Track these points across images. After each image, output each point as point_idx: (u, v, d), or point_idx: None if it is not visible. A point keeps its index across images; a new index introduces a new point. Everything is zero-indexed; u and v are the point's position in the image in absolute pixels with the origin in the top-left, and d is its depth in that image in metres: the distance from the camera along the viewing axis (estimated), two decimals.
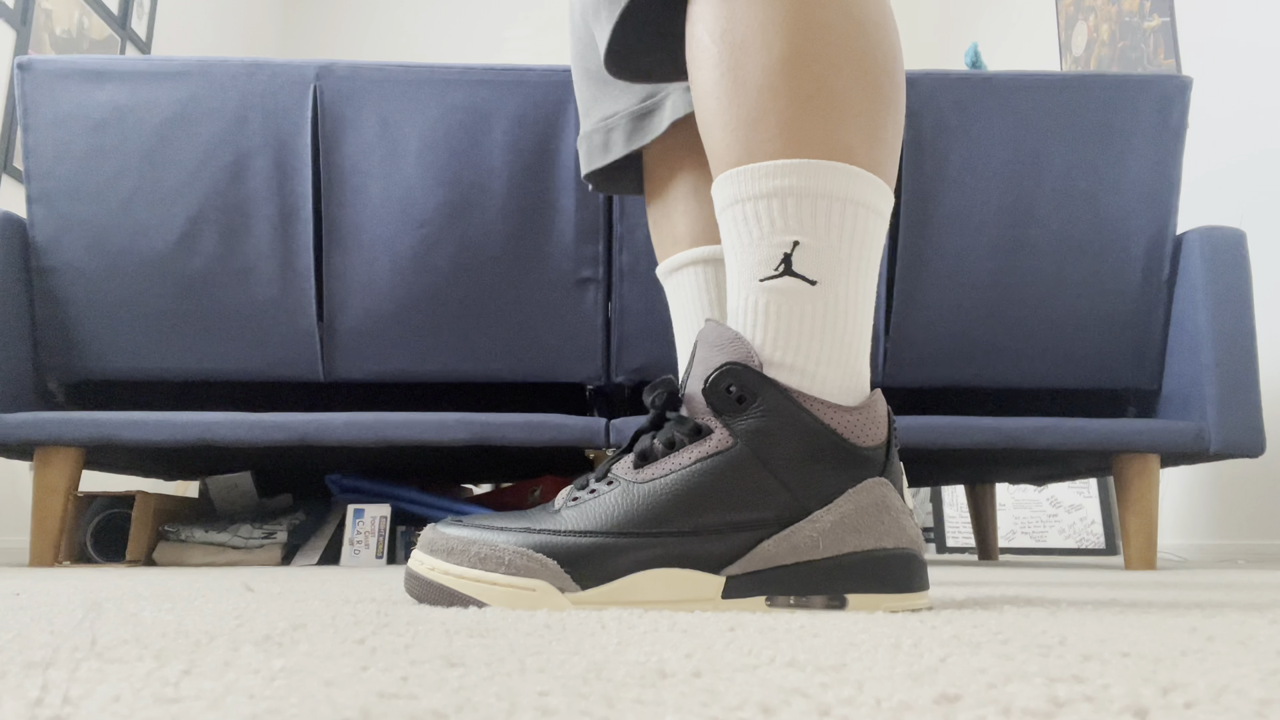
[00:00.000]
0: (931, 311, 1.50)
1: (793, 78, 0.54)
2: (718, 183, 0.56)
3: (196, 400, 1.68)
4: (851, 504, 0.51)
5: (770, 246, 0.53)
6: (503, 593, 0.49)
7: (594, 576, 0.49)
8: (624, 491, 0.51)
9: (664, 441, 0.52)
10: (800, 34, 0.54)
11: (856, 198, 0.53)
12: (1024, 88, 1.51)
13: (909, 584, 0.51)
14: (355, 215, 1.47)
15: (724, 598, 0.50)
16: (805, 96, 0.54)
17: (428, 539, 0.52)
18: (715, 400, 0.52)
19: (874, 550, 0.51)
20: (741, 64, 0.55)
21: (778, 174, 0.53)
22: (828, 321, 0.52)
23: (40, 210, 1.46)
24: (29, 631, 0.36)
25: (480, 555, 0.50)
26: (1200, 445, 1.45)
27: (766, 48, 0.54)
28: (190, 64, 1.48)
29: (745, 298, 0.53)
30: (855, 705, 0.21)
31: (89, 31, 2.69)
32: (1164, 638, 0.36)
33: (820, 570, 0.50)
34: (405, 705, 0.20)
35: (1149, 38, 2.72)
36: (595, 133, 0.84)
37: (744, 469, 0.50)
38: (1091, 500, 2.93)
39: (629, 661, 0.28)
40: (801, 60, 0.54)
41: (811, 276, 0.52)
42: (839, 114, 0.54)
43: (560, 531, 0.50)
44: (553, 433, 1.42)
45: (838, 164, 0.53)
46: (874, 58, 0.56)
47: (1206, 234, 1.50)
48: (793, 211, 0.52)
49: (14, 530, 2.25)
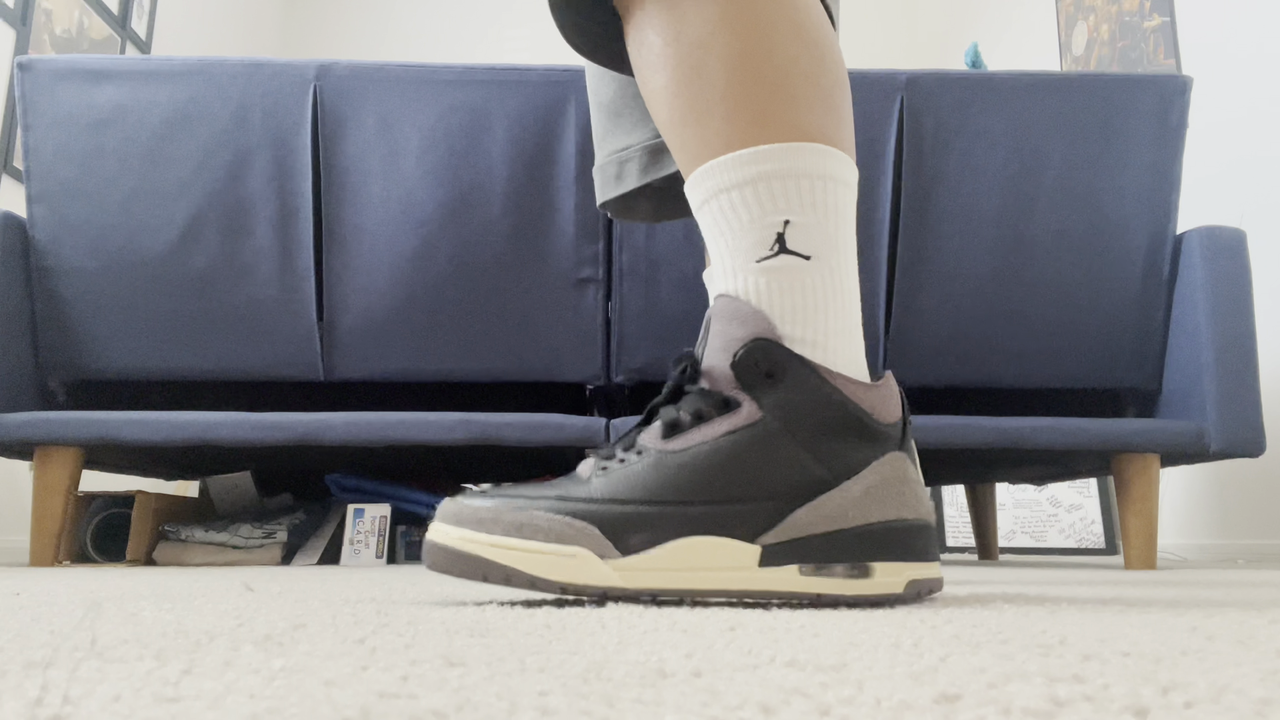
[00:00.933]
0: (931, 311, 1.50)
1: (758, 68, 0.56)
2: (695, 177, 0.57)
3: (196, 400, 1.68)
4: (876, 476, 0.52)
5: (762, 228, 0.54)
6: (544, 560, 0.49)
7: (634, 543, 0.50)
8: (657, 461, 0.52)
9: (691, 413, 0.53)
10: (756, 26, 0.56)
11: (832, 174, 0.55)
12: (1024, 88, 1.51)
13: (927, 553, 0.54)
14: (355, 215, 1.47)
15: (760, 566, 0.51)
16: (772, 84, 0.55)
17: (451, 510, 0.52)
18: (744, 374, 0.52)
19: (896, 520, 0.52)
20: (704, 62, 0.56)
21: (759, 159, 0.54)
22: (828, 293, 0.54)
23: (40, 210, 1.46)
24: (29, 631, 0.36)
25: (516, 524, 0.50)
26: (1200, 445, 1.45)
27: (728, 43, 0.56)
28: (190, 64, 1.48)
29: (745, 280, 0.54)
30: (855, 705, 0.21)
31: (89, 31, 2.69)
32: (1164, 638, 0.36)
33: (848, 539, 0.51)
34: (405, 705, 0.20)
35: (1149, 38, 2.72)
36: (609, 165, 0.86)
37: (775, 442, 0.52)
38: (1091, 500, 2.93)
39: (629, 661, 0.28)
40: (763, 51, 0.56)
41: (805, 252, 0.54)
42: (804, 97, 0.56)
43: (596, 500, 0.51)
44: (553, 433, 1.42)
45: (811, 144, 0.55)
46: (822, 39, 0.58)
47: (1206, 234, 1.50)
48: (779, 192, 0.54)
49: (14, 530, 2.25)
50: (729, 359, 0.53)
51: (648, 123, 0.84)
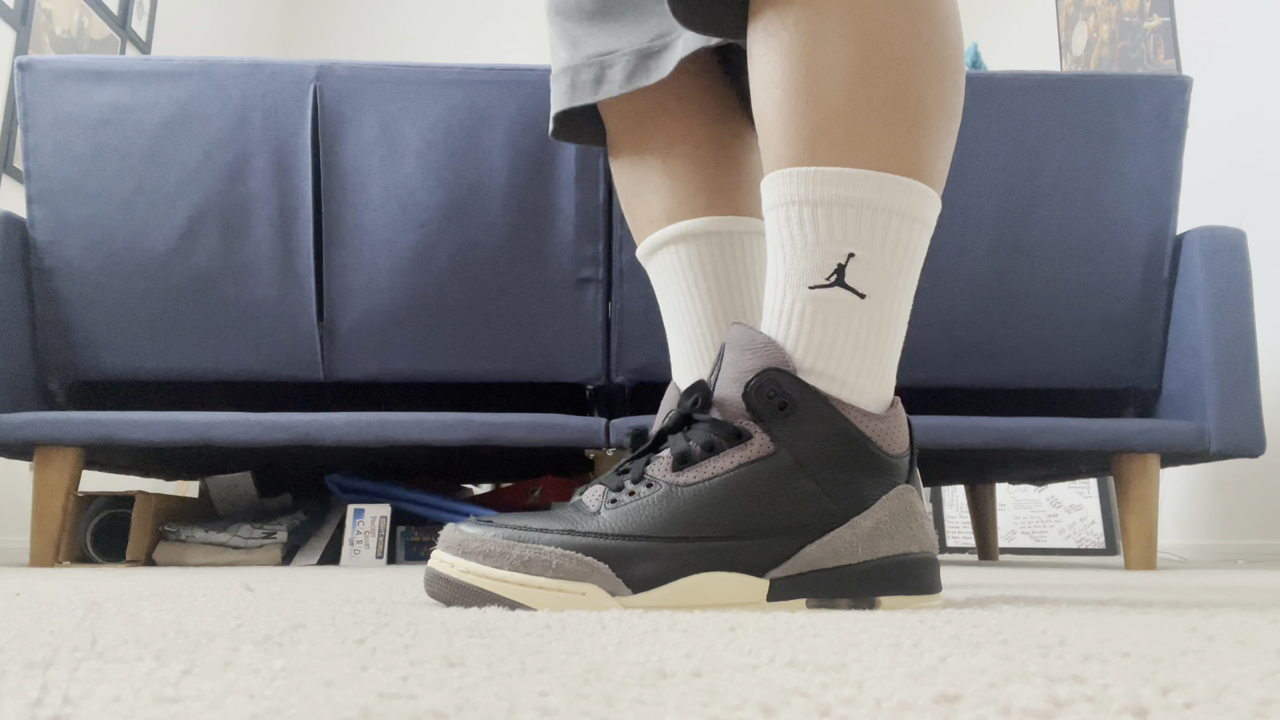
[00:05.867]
0: (931, 311, 1.50)
1: (871, 83, 0.52)
2: (772, 178, 0.55)
3: (196, 400, 1.68)
4: (886, 510, 0.52)
5: (824, 255, 0.52)
6: (552, 596, 0.49)
7: (644, 580, 0.49)
8: (667, 495, 0.51)
9: (701, 444, 0.52)
10: (883, 33, 0.52)
11: (915, 213, 0.53)
12: (1024, 88, 1.51)
13: (932, 586, 0.54)
14: (355, 215, 1.47)
15: (769, 600, 0.50)
16: (880, 104, 0.52)
17: (455, 540, 0.51)
18: (757, 405, 0.52)
19: (903, 555, 0.52)
20: (817, 59, 0.53)
21: (841, 182, 0.52)
22: (872, 335, 0.53)
23: (40, 210, 1.46)
24: (29, 631, 0.36)
25: (524, 559, 0.49)
26: (1200, 445, 1.45)
27: (845, 46, 0.52)
28: (190, 64, 1.48)
29: (791, 302, 0.53)
30: (855, 705, 0.21)
31: (89, 31, 2.69)
32: (1164, 638, 0.36)
33: (857, 574, 0.51)
34: (405, 705, 0.20)
35: (1149, 38, 2.72)
36: (585, 68, 0.74)
37: (787, 475, 0.51)
38: (1091, 500, 2.93)
39: (629, 661, 0.28)
40: (882, 64, 0.52)
41: (862, 290, 0.52)
42: (910, 125, 0.53)
43: (606, 535, 0.50)
44: (553, 433, 1.42)
45: (902, 179, 0.52)
46: (950, 64, 0.54)
47: (1206, 234, 1.50)
48: (852, 222, 0.52)
49: (14, 530, 2.25)
50: (740, 389, 0.52)
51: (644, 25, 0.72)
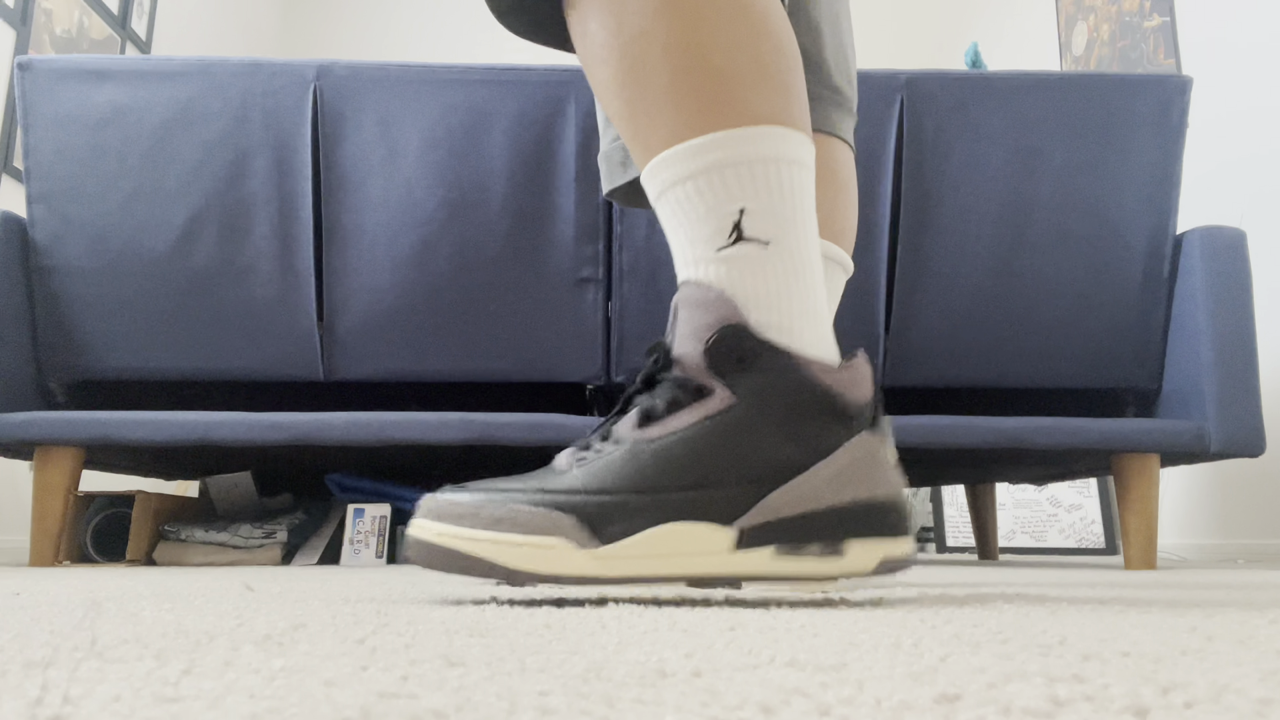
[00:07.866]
0: (931, 311, 1.50)
1: (703, 55, 0.55)
2: (649, 170, 0.57)
3: (196, 400, 1.68)
4: (848, 456, 0.53)
5: (719, 217, 0.54)
6: (520, 552, 0.50)
7: (613, 532, 0.50)
8: (633, 450, 0.52)
9: (665, 401, 0.53)
10: (698, 12, 0.55)
11: (786, 155, 0.55)
12: (1024, 88, 1.51)
13: (899, 529, 0.54)
14: (355, 215, 1.47)
15: (737, 548, 0.51)
16: (718, 70, 0.55)
17: (431, 506, 0.52)
18: (716, 361, 0.53)
19: (868, 499, 0.53)
20: (647, 52, 0.56)
21: (709, 148, 0.54)
22: (790, 276, 0.55)
23: (40, 210, 1.46)
24: (29, 631, 0.36)
25: (495, 517, 0.51)
26: (1200, 445, 1.45)
27: (670, 31, 0.55)
28: (190, 64, 1.48)
29: (707, 269, 0.55)
30: (855, 705, 0.21)
31: (89, 31, 2.69)
32: (1164, 638, 0.36)
33: (822, 519, 0.52)
34: (405, 705, 0.20)
35: (1149, 38, 2.72)
36: (614, 151, 0.85)
37: (748, 426, 0.52)
38: (1091, 500, 2.93)
39: (629, 661, 0.28)
40: (706, 36, 0.55)
41: (764, 237, 0.54)
42: (753, 79, 0.55)
43: (574, 490, 0.51)
44: (553, 433, 1.42)
45: (763, 127, 0.55)
46: (769, 18, 0.57)
47: (1206, 234, 1.50)
48: (733, 179, 0.54)
49: (14, 530, 2.25)
50: (700, 346, 0.53)
51: None
